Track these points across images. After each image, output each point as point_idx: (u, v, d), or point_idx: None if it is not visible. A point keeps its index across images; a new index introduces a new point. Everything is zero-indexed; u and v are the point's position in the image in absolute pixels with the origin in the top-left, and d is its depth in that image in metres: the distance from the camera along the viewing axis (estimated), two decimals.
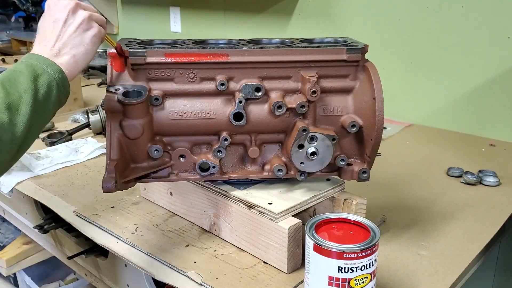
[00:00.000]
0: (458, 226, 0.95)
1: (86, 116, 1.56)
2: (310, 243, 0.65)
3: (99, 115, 1.45)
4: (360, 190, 0.90)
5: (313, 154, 0.81)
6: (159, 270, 0.83)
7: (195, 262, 0.83)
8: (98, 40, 0.80)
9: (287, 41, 0.90)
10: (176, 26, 2.38)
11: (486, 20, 1.38)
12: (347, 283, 0.63)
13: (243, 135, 0.84)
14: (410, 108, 1.61)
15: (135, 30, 2.66)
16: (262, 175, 0.86)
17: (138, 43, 0.86)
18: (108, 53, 0.82)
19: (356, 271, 0.63)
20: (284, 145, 0.85)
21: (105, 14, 2.68)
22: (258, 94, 0.82)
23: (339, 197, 0.87)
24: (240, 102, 0.80)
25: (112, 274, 1.05)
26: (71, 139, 1.42)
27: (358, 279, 0.63)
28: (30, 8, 3.34)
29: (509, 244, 1.12)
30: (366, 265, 0.63)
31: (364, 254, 0.62)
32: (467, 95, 1.47)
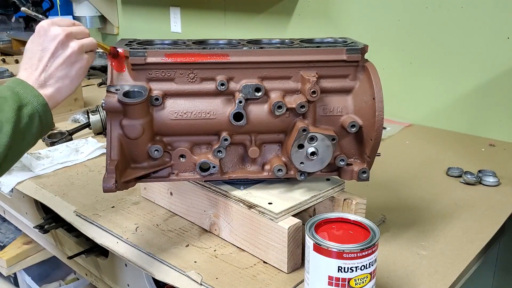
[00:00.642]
0: (458, 226, 0.95)
1: (86, 116, 1.56)
2: (310, 243, 0.65)
3: (100, 115, 1.45)
4: (360, 190, 0.90)
5: (313, 154, 0.81)
6: (159, 270, 0.83)
7: (195, 262, 0.83)
8: (85, 71, 0.80)
9: (287, 41, 0.90)
10: (176, 26, 2.38)
11: (486, 20, 1.38)
12: (347, 283, 0.63)
13: (243, 135, 0.84)
14: (410, 108, 1.61)
15: (135, 30, 2.66)
16: (262, 175, 0.87)
17: (138, 43, 0.87)
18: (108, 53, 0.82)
19: (356, 271, 0.63)
20: (284, 145, 0.85)
21: (105, 14, 2.69)
22: (258, 94, 0.82)
23: (339, 197, 0.87)
24: (240, 102, 0.81)
25: (112, 274, 1.06)
26: (72, 139, 1.42)
27: (358, 279, 0.63)
28: (31, 8, 3.35)
29: (508, 244, 1.12)
30: (366, 265, 0.63)
31: (363, 254, 0.63)
32: (467, 95, 1.47)
